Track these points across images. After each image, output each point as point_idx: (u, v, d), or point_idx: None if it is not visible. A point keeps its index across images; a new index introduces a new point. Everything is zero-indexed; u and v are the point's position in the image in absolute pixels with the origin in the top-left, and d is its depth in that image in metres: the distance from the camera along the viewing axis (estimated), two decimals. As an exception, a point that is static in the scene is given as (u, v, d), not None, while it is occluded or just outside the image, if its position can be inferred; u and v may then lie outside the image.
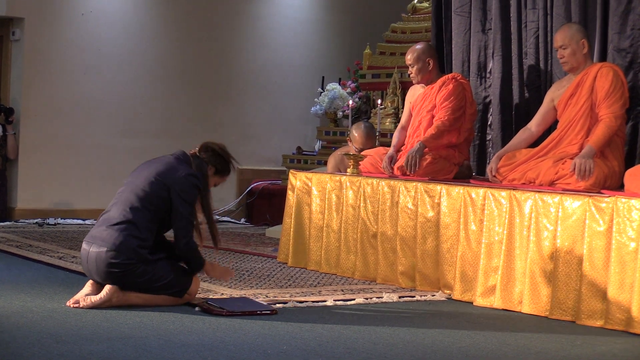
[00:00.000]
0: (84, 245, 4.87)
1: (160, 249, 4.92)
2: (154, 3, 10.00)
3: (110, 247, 4.72)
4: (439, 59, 7.23)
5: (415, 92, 7.04)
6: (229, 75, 10.49)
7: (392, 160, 6.72)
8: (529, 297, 5.25)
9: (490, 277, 5.47)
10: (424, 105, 6.85)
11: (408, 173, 6.47)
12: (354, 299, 5.40)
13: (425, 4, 9.69)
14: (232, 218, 10.18)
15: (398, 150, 6.86)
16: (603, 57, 6.48)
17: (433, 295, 5.71)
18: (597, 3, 6.56)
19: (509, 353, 4.24)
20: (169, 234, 4.99)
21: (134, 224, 4.78)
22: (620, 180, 5.74)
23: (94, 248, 4.77)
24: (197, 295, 5.04)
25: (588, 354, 4.31)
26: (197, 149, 5.17)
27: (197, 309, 4.83)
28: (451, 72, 7.52)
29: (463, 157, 6.78)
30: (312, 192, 6.70)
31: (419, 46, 6.97)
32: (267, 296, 5.34)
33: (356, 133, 7.36)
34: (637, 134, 6.32)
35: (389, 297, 5.53)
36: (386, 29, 9.95)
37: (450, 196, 5.80)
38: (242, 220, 10.23)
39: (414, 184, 6.05)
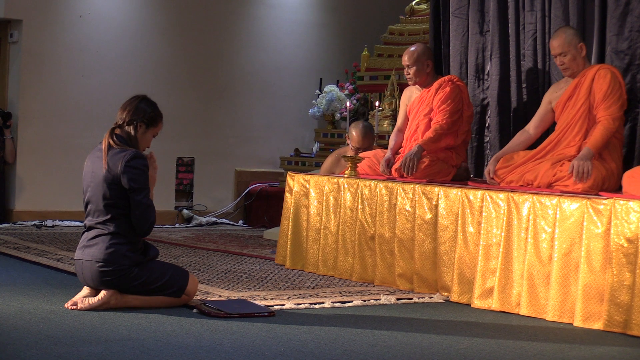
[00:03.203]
0: (77, 252, 4.88)
1: (150, 247, 4.93)
2: (152, 5, 10.00)
3: (101, 259, 4.74)
4: (437, 61, 7.23)
5: (412, 95, 7.02)
6: (226, 77, 10.49)
7: (390, 163, 6.72)
8: (526, 299, 5.25)
9: (488, 279, 5.47)
10: (420, 109, 6.84)
11: (405, 175, 6.47)
12: (351, 301, 5.40)
13: (423, 6, 9.70)
14: (230, 220, 10.19)
15: (396, 153, 6.86)
16: (601, 59, 6.48)
17: (431, 298, 5.71)
18: (595, 5, 6.56)
19: (507, 355, 4.24)
20: None
21: (116, 233, 4.79)
22: (619, 182, 5.73)
23: (86, 259, 4.80)
24: (195, 297, 5.04)
25: (586, 356, 4.31)
26: (117, 117, 5.02)
27: (195, 310, 4.83)
28: (449, 74, 7.53)
29: (461, 159, 6.78)
30: (310, 194, 6.70)
31: (417, 48, 6.94)
32: (264, 298, 5.33)
33: (354, 132, 7.38)
34: (635, 136, 6.32)
35: (386, 299, 5.53)
36: (384, 30, 9.96)
37: (448, 198, 5.80)
38: (240, 222, 10.23)
39: (412, 186, 6.04)
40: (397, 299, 5.57)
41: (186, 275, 4.92)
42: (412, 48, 6.93)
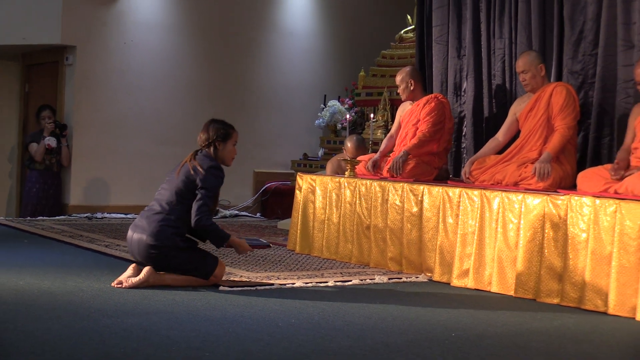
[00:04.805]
0: (129, 232, 4.91)
1: (191, 240, 4.94)
2: (185, 34, 10.00)
3: (150, 234, 4.76)
4: (422, 81, 7.23)
5: (405, 108, 7.04)
6: (246, 94, 10.49)
7: (375, 164, 6.72)
8: (497, 278, 5.24)
9: (465, 262, 5.46)
10: (410, 120, 6.85)
11: (395, 175, 6.47)
12: (350, 280, 5.39)
13: (410, 34, 9.68)
14: (249, 213, 10.19)
15: (385, 155, 6.87)
16: (559, 78, 6.47)
17: (417, 277, 5.70)
18: (553, 33, 6.56)
19: (480, 326, 4.23)
20: None
21: (170, 216, 4.81)
22: (573, 181, 5.73)
23: (137, 234, 4.82)
24: (223, 279, 5.02)
25: (547, 327, 4.30)
26: (198, 143, 5.11)
27: (224, 244, 4.91)
28: (432, 91, 7.53)
29: (442, 162, 6.77)
30: (316, 191, 6.69)
31: (405, 69, 6.97)
32: (278, 278, 5.32)
33: (349, 144, 7.38)
34: (587, 143, 6.32)
35: (380, 278, 5.52)
36: (377, 55, 9.94)
37: (431, 194, 5.79)
38: (258, 214, 10.23)
39: (401, 184, 6.04)
40: (389, 279, 5.56)
41: (216, 261, 4.92)
42: (401, 70, 6.99)
